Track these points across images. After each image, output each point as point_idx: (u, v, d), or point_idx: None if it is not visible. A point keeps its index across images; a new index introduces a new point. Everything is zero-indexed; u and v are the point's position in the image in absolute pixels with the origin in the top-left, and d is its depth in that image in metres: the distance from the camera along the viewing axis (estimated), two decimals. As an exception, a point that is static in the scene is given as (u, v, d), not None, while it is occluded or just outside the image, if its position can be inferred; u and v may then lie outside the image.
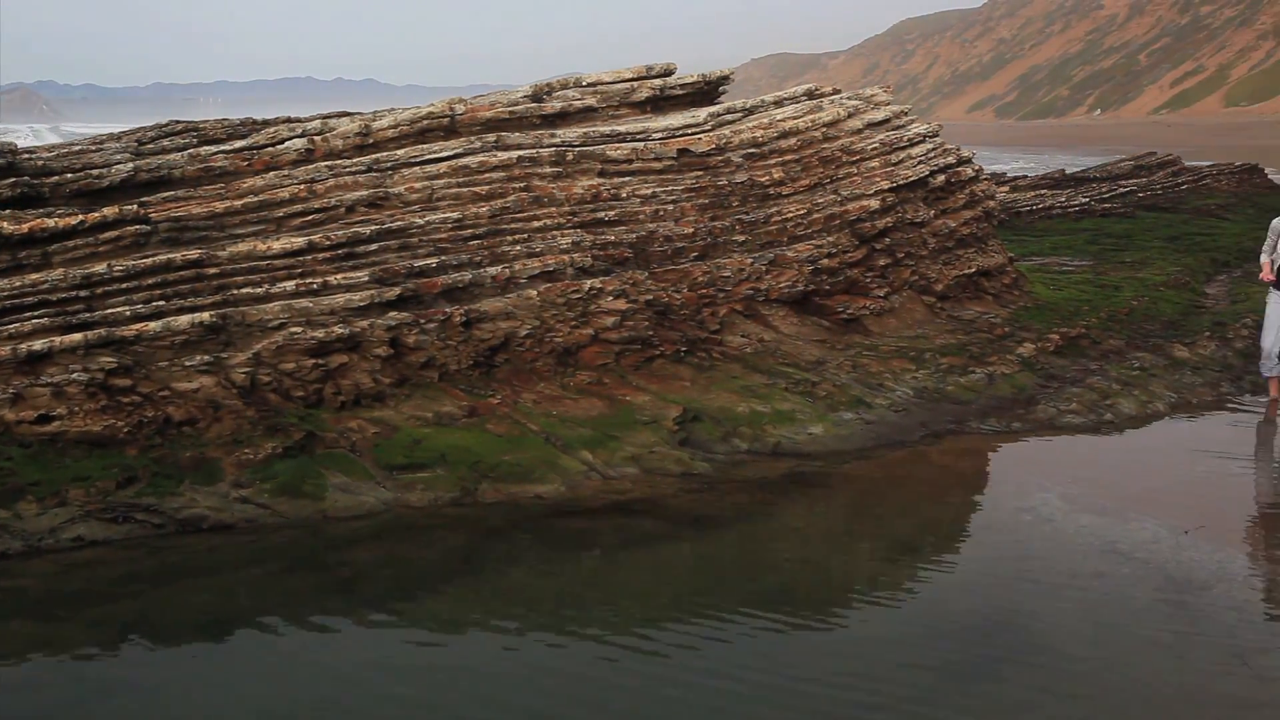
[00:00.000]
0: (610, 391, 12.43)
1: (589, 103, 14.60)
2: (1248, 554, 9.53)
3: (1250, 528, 10.44)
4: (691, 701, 7.03)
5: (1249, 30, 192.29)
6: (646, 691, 7.15)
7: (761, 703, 7.01)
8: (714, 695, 7.10)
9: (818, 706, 6.97)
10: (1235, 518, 10.74)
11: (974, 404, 13.37)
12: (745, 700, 7.05)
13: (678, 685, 7.21)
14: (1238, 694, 7.07)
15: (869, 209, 15.25)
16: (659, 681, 7.27)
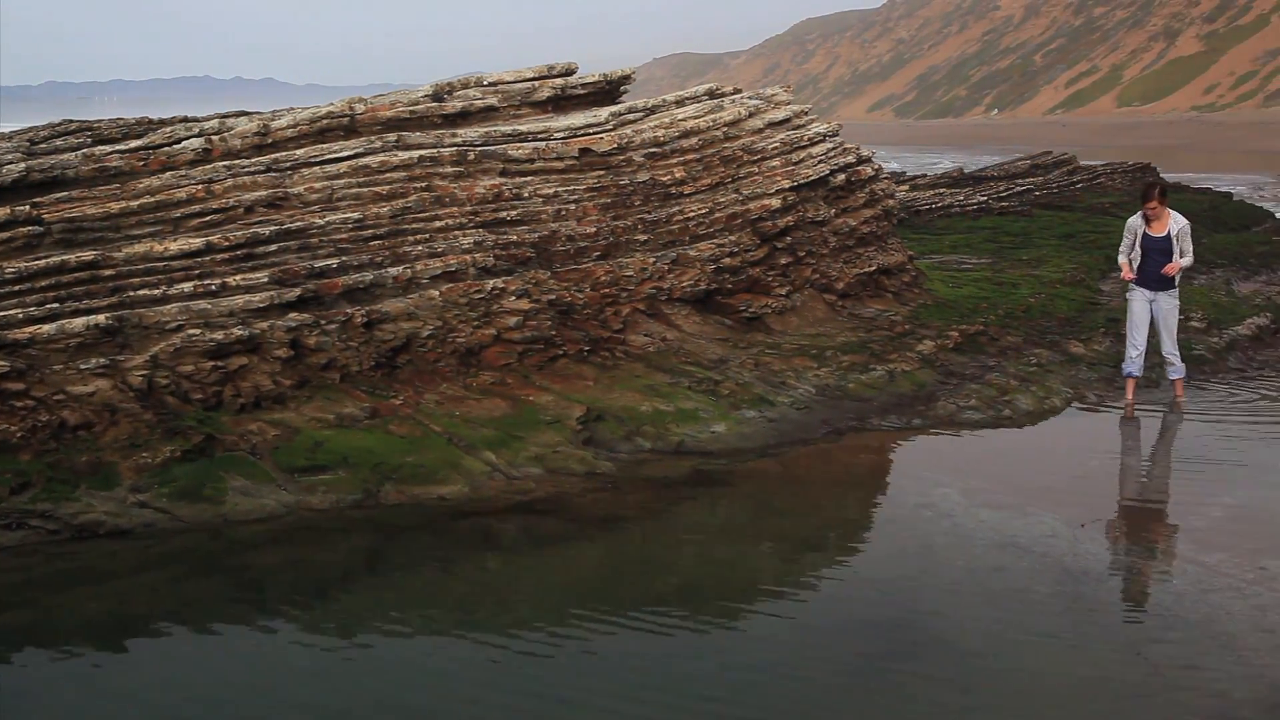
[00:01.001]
0: (513, 391, 12.40)
1: (490, 102, 14.54)
2: (1142, 547, 9.70)
3: (1143, 521, 10.62)
4: (594, 701, 7.04)
5: (1141, 31, 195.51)
6: (549, 691, 7.15)
7: (663, 702, 7.03)
8: (616, 695, 7.11)
9: (720, 705, 7.00)
10: (1129, 511, 10.94)
11: (875, 401, 13.49)
12: (647, 699, 7.06)
13: (581, 685, 7.22)
14: (1133, 684, 7.18)
15: (770, 208, 15.33)
16: (562, 681, 7.27)
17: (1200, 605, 8.23)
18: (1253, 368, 16.21)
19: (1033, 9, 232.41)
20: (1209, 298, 19.76)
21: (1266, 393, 14.75)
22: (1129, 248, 14.32)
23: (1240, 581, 8.60)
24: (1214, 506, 10.50)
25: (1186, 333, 17.00)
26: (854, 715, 6.92)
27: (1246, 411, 13.87)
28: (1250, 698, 6.94)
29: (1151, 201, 13.99)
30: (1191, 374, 15.50)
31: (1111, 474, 12.11)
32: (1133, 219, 14.41)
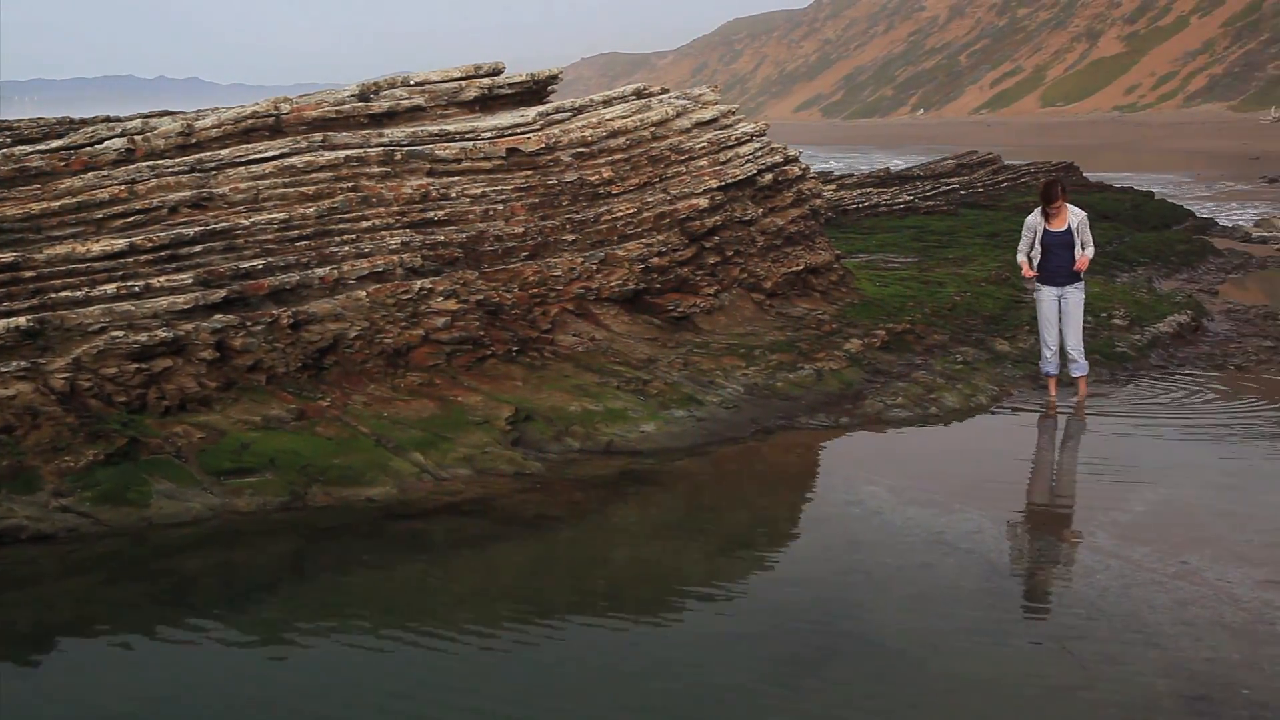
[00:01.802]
0: (441, 392, 12.36)
1: (417, 102, 14.48)
2: (1066, 542, 9.80)
3: (1068, 517, 10.73)
4: (525, 701, 7.03)
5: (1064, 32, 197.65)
6: (478, 692, 7.13)
7: (594, 701, 7.04)
8: (546, 695, 7.10)
9: (650, 704, 7.01)
10: (1054, 508, 11.07)
11: (803, 400, 13.55)
12: (578, 699, 7.06)
13: (511, 686, 7.21)
14: (1058, 679, 7.26)
15: (698, 208, 15.37)
16: (492, 682, 7.25)
17: (1123, 600, 8.33)
18: (1174, 364, 16.43)
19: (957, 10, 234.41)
20: (1131, 295, 20.00)
21: (1188, 389, 14.95)
22: (1028, 246, 14.43)
23: (1162, 576, 8.72)
24: (1136, 502, 10.63)
25: (1110, 330, 17.22)
26: (784, 712, 6.95)
27: (1168, 408, 14.05)
28: (1172, 690, 7.03)
29: (1056, 201, 14.12)
30: (1114, 371, 15.70)
31: (1036, 470, 12.25)
32: (1031, 217, 14.50)
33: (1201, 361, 16.62)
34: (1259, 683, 7.08)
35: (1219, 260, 28.80)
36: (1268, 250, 31.33)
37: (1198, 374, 15.87)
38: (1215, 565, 8.90)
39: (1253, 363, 16.46)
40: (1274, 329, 18.96)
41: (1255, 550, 9.25)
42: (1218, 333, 18.71)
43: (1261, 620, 7.95)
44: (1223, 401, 14.32)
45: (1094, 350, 16.04)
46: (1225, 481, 11.37)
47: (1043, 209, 14.30)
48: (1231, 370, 16.07)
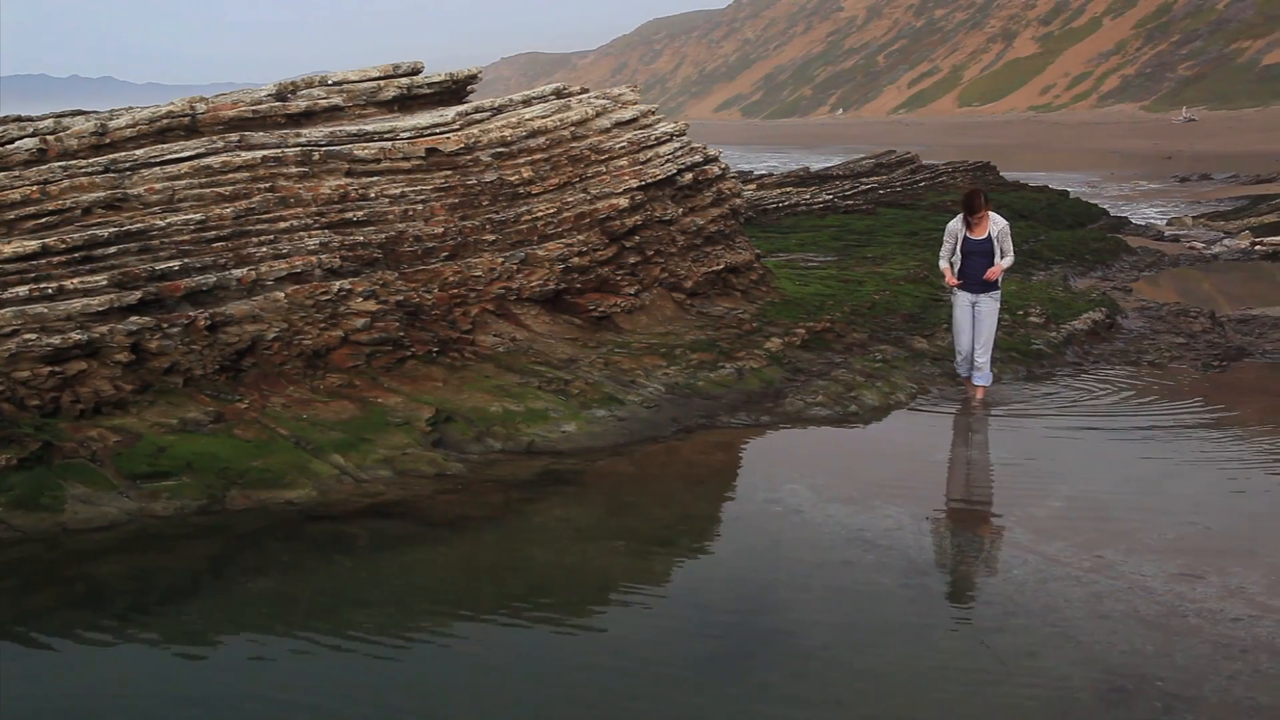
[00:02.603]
0: (361, 394, 12.29)
1: (335, 102, 14.39)
2: (984, 538, 9.90)
3: (986, 513, 10.85)
4: (446, 702, 7.01)
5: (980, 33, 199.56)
6: (402, 695, 7.10)
7: (517, 702, 7.03)
8: (468, 696, 7.08)
9: (573, 704, 7.01)
10: (973, 504, 11.18)
11: (724, 398, 13.59)
12: (501, 700, 7.05)
13: (434, 687, 7.18)
14: (977, 673, 7.33)
15: (618, 207, 15.38)
16: (415, 684, 7.22)
17: (1040, 594, 8.43)
18: (1089, 361, 16.63)
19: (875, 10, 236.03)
20: (1047, 293, 20.23)
21: (1102, 385, 15.15)
22: (950, 252, 14.39)
23: (1078, 570, 8.83)
24: (1052, 498, 10.76)
25: (1026, 328, 17.41)
26: (706, 709, 6.97)
27: (1084, 405, 14.23)
28: (1088, 683, 7.13)
29: (979, 212, 14.09)
30: (1031, 368, 15.88)
31: (955, 467, 12.37)
32: (953, 224, 14.43)
33: (1116, 358, 16.84)
34: (1172, 674, 7.20)
35: (1132, 258, 29.21)
36: (1179, 248, 31.81)
37: (1112, 371, 16.08)
38: (1130, 559, 9.03)
39: (1165, 359, 16.70)
40: (1186, 326, 19.24)
41: (1168, 544, 9.39)
42: (1132, 330, 18.96)
43: (1174, 612, 8.07)
44: (1137, 398, 14.52)
45: (1011, 348, 16.23)
46: (1139, 476, 11.54)
47: (965, 217, 14.26)
48: (1145, 366, 16.30)
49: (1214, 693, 6.96)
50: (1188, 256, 30.40)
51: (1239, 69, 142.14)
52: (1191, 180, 58.24)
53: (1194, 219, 39.03)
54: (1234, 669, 7.25)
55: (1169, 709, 6.80)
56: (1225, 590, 8.41)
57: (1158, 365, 16.38)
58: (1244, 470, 11.58)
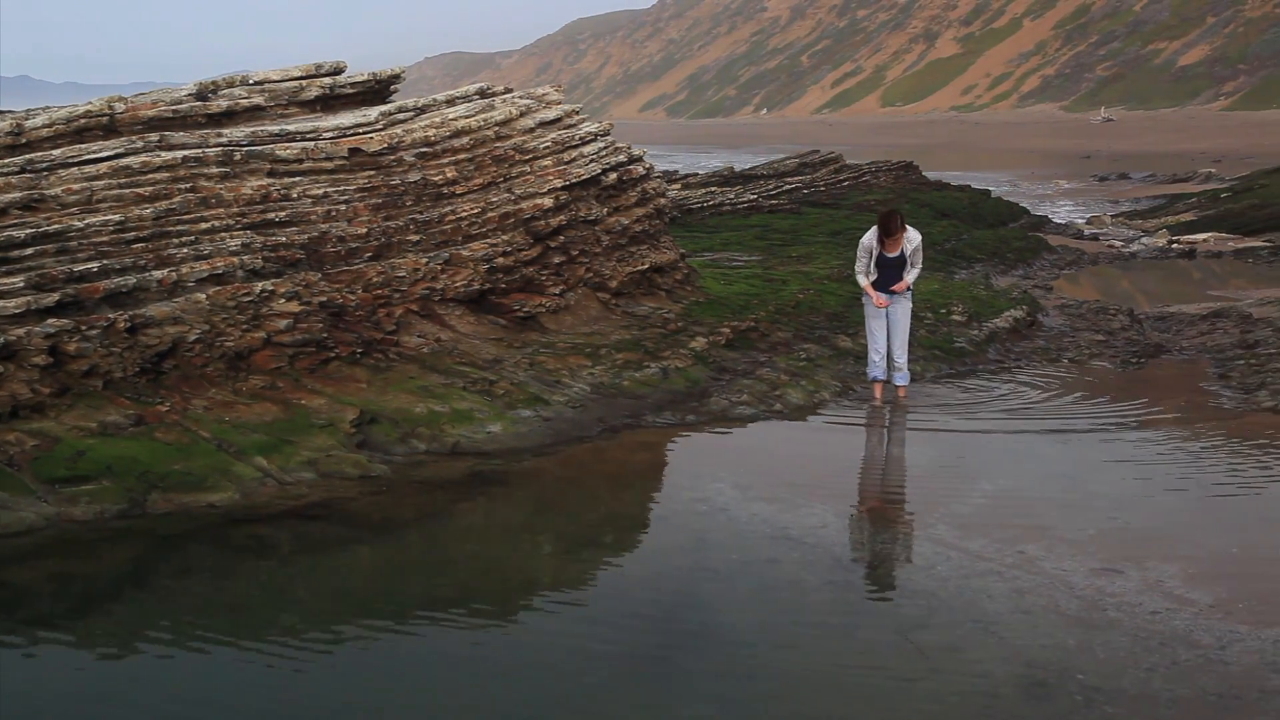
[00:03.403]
0: (285, 395, 12.20)
1: (257, 101, 14.28)
2: (908, 535, 9.98)
3: (909, 510, 10.94)
4: (372, 704, 6.97)
5: (902, 34, 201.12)
6: (325, 697, 7.06)
7: (442, 703, 7.01)
8: (394, 698, 7.05)
9: (499, 705, 7.00)
10: (896, 501, 11.27)
11: (649, 398, 13.61)
12: (429, 701, 7.02)
13: (360, 690, 7.14)
14: (900, 669, 7.39)
15: (543, 207, 15.37)
16: (341, 687, 7.18)
17: (963, 590, 8.50)
18: (1011, 359, 16.82)
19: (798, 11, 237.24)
20: (969, 292, 20.42)
21: (1024, 383, 15.31)
22: (865, 267, 14.24)
23: (1000, 566, 8.91)
24: (975, 494, 10.87)
25: (949, 326, 17.56)
26: (633, 707, 6.98)
27: (1005, 402, 14.38)
28: (1010, 677, 7.20)
29: (895, 235, 14.00)
30: (954, 366, 16.03)
31: (879, 465, 12.47)
32: (867, 238, 14.21)
33: (1037, 356, 17.04)
34: (1093, 667, 7.28)
35: (1053, 257, 29.57)
36: (1098, 247, 32.22)
37: (1034, 368, 16.26)
38: (1051, 554, 9.13)
39: (1086, 356, 16.91)
40: (1105, 323, 19.49)
41: (1089, 539, 9.50)
42: (1052, 327, 19.19)
43: (1095, 607, 8.17)
44: (1058, 395, 14.68)
45: (934, 346, 16.37)
46: (1060, 473, 11.68)
47: (880, 237, 14.10)
48: (1066, 364, 16.49)
49: (1133, 685, 7.05)
50: (1107, 255, 30.80)
51: (1155, 70, 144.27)
52: (1110, 179, 59.04)
53: (1112, 218, 39.56)
54: (1152, 661, 7.34)
55: (1089, 702, 6.88)
56: (1144, 584, 8.53)
57: (1078, 362, 16.58)
58: (1162, 466, 11.74)
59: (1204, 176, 54.54)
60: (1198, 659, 7.38)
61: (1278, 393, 14.04)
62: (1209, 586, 8.47)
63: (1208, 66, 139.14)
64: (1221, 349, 17.29)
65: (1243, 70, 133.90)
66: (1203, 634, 7.70)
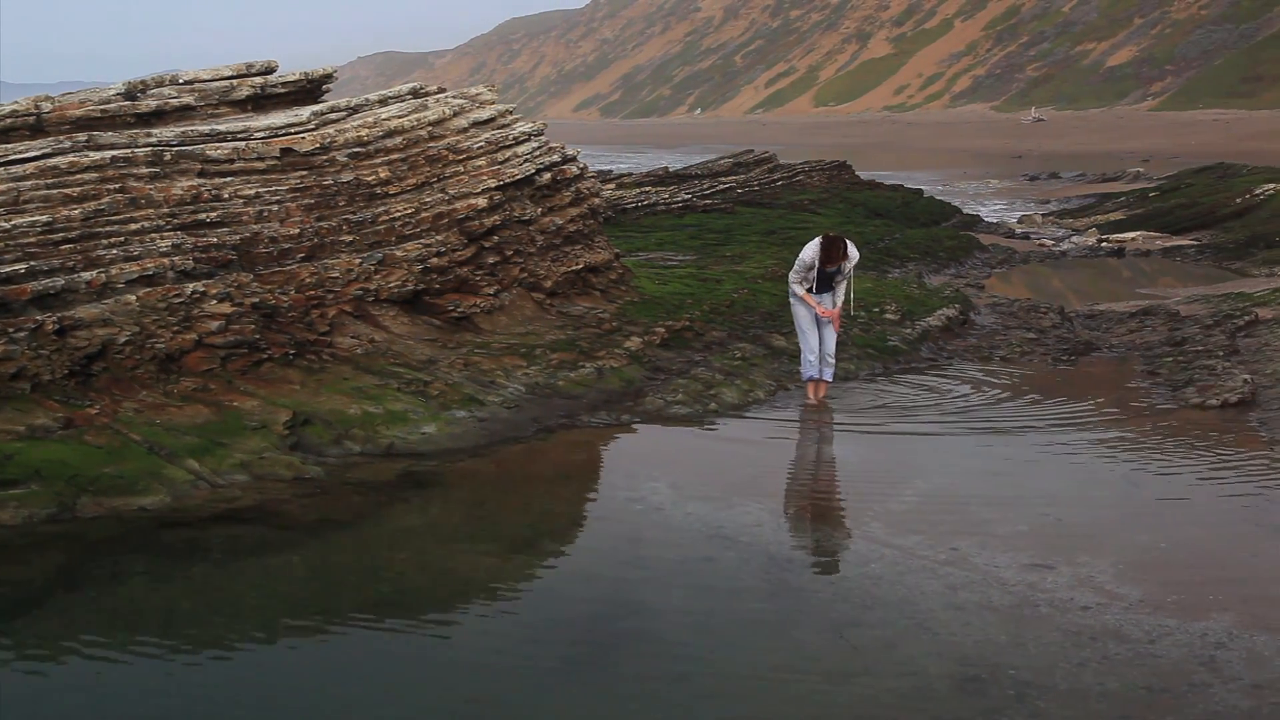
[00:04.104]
0: (217, 397, 12.09)
1: (187, 101, 14.16)
2: (842, 533, 10.03)
3: (844, 508, 11.00)
4: (308, 708, 6.94)
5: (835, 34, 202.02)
6: (259, 702, 7.01)
7: (378, 707, 6.97)
8: (330, 701, 7.02)
9: (435, 707, 6.98)
10: (831, 499, 11.33)
11: (585, 398, 13.61)
12: (360, 705, 6.99)
13: (295, 695, 7.10)
14: (835, 666, 7.43)
15: (477, 207, 15.33)
16: (276, 691, 7.14)
17: (897, 586, 8.56)
18: (944, 357, 16.94)
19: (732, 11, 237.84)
20: (902, 290, 20.55)
21: (956, 381, 15.43)
22: (800, 280, 14.22)
23: (933, 562, 8.98)
24: (908, 492, 10.95)
25: (882, 325, 17.67)
26: (571, 706, 6.98)
27: (938, 400, 14.48)
28: (943, 673, 7.25)
29: (836, 262, 14.05)
30: (887, 364, 16.13)
31: (813, 464, 12.53)
32: (809, 255, 14.12)
33: (970, 354, 17.17)
34: (1025, 662, 7.35)
35: (985, 255, 29.81)
36: (1030, 245, 32.51)
37: (966, 366, 16.39)
38: (983, 551, 9.21)
39: (1017, 354, 17.06)
40: (1036, 321, 19.68)
41: (1020, 535, 9.60)
42: (984, 326, 19.35)
43: (1027, 602, 8.25)
44: (990, 393, 14.80)
45: (867, 344, 16.46)
46: (992, 470, 11.79)
47: (821, 259, 14.06)
48: (998, 361, 16.63)
49: (1064, 680, 7.13)
50: (1038, 253, 31.10)
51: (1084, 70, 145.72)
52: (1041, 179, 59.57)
53: (1043, 217, 39.93)
54: (1083, 656, 7.42)
55: (1021, 696, 6.94)
56: (1075, 580, 8.62)
57: (1010, 360, 16.73)
58: (1092, 462, 11.87)
59: (1133, 176, 55.12)
60: (1128, 653, 7.46)
61: (1205, 389, 14.23)
62: (1138, 581, 8.58)
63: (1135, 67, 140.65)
64: (1150, 346, 17.50)
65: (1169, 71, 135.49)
66: (1132, 628, 7.80)
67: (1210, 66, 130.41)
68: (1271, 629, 7.73)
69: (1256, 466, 11.49)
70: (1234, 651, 7.44)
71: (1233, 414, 13.42)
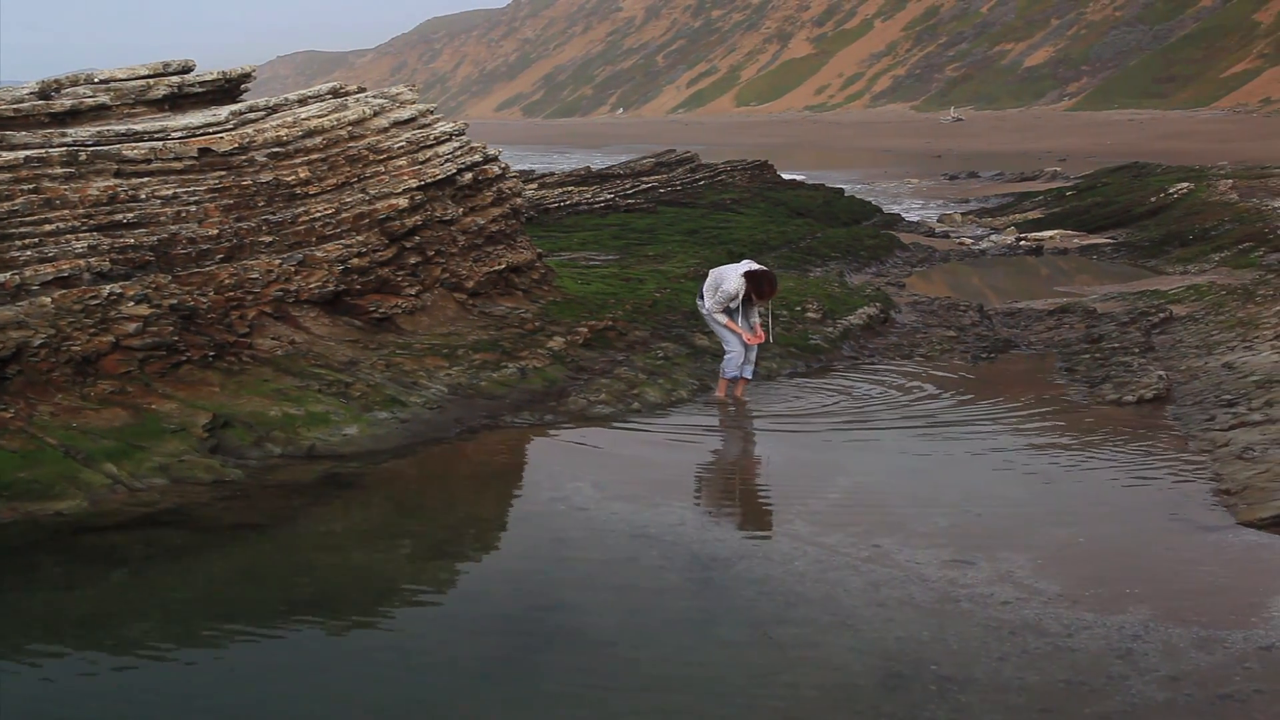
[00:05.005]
0: (135, 400, 11.95)
1: (102, 100, 13.98)
2: (766, 531, 10.08)
3: (767, 506, 11.05)
4: (229, 712, 6.87)
5: (756, 34, 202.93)
6: (180, 708, 6.94)
7: (302, 710, 6.93)
8: (253, 706, 6.96)
9: (360, 711, 6.94)
10: (754, 498, 11.38)
11: (508, 398, 13.58)
12: (283, 709, 6.94)
13: (217, 699, 7.03)
14: (760, 664, 7.46)
15: (398, 208, 15.25)
16: (195, 697, 7.06)
17: (820, 584, 8.60)
18: (865, 356, 17.06)
19: (653, 11, 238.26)
20: (824, 289, 20.66)
21: (878, 379, 15.54)
22: (721, 309, 14.10)
23: (856, 560, 9.03)
24: (831, 490, 11.00)
25: (804, 324, 17.75)
26: (494, 708, 6.96)
27: (859, 398, 14.57)
28: (866, 669, 7.29)
29: (767, 298, 14.12)
30: (808, 363, 16.22)
31: (736, 462, 12.58)
32: (734, 286, 14.02)
33: (891, 352, 17.30)
34: (947, 658, 7.41)
35: (905, 254, 30.04)
36: (949, 244, 32.80)
37: (887, 364, 16.51)
38: (905, 547, 9.27)
39: (938, 352, 17.21)
40: (956, 319, 19.86)
41: (941, 532, 9.67)
42: (905, 324, 19.51)
43: (948, 598, 8.31)
44: (911, 391, 14.92)
45: (789, 343, 16.53)
46: (913, 467, 11.89)
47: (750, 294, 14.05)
48: (918, 359, 16.77)
49: (985, 674, 7.19)
50: (957, 252, 31.37)
51: (1002, 70, 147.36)
52: (960, 178, 60.11)
53: (963, 216, 40.30)
54: (1004, 650, 7.49)
55: (943, 691, 7.00)
56: (995, 575, 8.70)
57: (930, 358, 16.87)
58: (1011, 459, 12.00)
59: (1050, 175, 55.76)
60: (1047, 646, 7.54)
61: (1121, 386, 14.42)
62: (1057, 576, 8.67)
63: (1052, 68, 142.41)
64: (1068, 343, 17.71)
65: (1085, 71, 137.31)
66: (1051, 622, 7.88)
67: (1125, 67, 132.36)
68: (1186, 621, 7.84)
69: (1171, 462, 11.65)
70: (1150, 644, 7.53)
71: (1148, 410, 13.61)
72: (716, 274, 14.30)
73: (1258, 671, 7.19)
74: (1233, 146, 67.43)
